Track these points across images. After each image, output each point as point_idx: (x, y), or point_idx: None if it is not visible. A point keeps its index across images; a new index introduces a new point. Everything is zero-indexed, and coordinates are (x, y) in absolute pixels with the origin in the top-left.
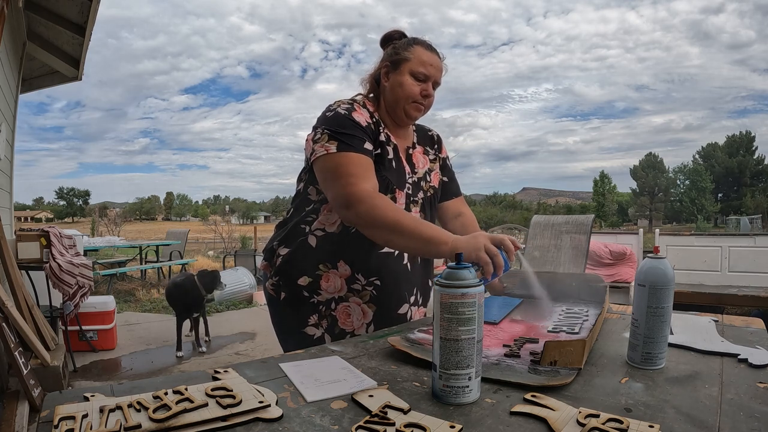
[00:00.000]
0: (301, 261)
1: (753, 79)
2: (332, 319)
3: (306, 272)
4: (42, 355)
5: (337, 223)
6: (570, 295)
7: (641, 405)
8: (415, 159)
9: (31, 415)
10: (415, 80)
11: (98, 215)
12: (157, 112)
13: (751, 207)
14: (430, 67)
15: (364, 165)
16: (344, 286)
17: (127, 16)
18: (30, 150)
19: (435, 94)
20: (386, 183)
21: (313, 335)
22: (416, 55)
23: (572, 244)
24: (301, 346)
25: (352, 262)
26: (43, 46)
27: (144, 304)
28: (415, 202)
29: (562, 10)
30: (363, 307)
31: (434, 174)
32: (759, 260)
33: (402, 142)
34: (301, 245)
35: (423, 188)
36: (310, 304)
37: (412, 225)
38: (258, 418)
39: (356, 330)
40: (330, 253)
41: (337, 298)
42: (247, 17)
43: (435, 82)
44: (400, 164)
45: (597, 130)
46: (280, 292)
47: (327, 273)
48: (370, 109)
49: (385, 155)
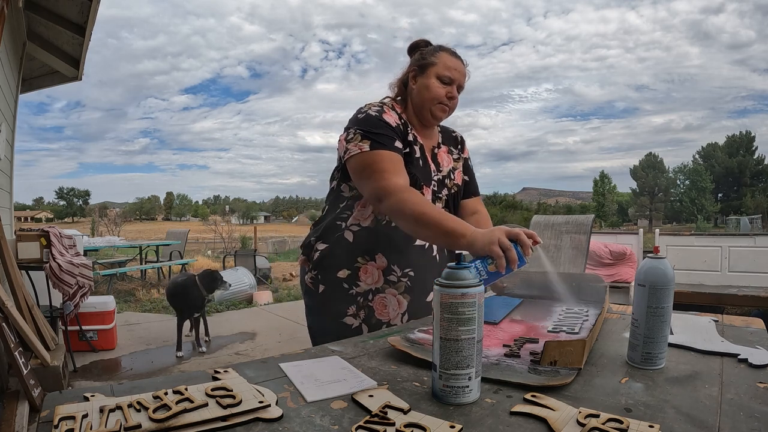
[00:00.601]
0: (339, 255)
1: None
2: (369, 310)
3: (345, 265)
4: (42, 355)
5: (371, 218)
6: (570, 295)
7: (641, 405)
8: (440, 158)
9: (31, 415)
10: (441, 83)
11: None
12: (157, 112)
13: (751, 207)
14: (455, 72)
15: (395, 161)
16: (381, 277)
17: (127, 16)
18: (30, 150)
19: (459, 97)
20: (414, 180)
21: (351, 325)
22: (442, 60)
23: (572, 244)
24: (340, 336)
25: (389, 255)
26: (43, 46)
27: (144, 304)
28: (439, 198)
29: (562, 10)
30: (398, 297)
31: (458, 172)
32: (759, 260)
33: (428, 142)
34: (339, 240)
35: (447, 185)
36: (349, 295)
37: (436, 217)
38: (258, 418)
39: (392, 320)
40: (367, 247)
41: (374, 290)
42: (247, 17)
43: (459, 85)
44: (426, 163)
45: (597, 130)
46: (319, 285)
47: (365, 265)
48: (398, 110)
49: (412, 154)
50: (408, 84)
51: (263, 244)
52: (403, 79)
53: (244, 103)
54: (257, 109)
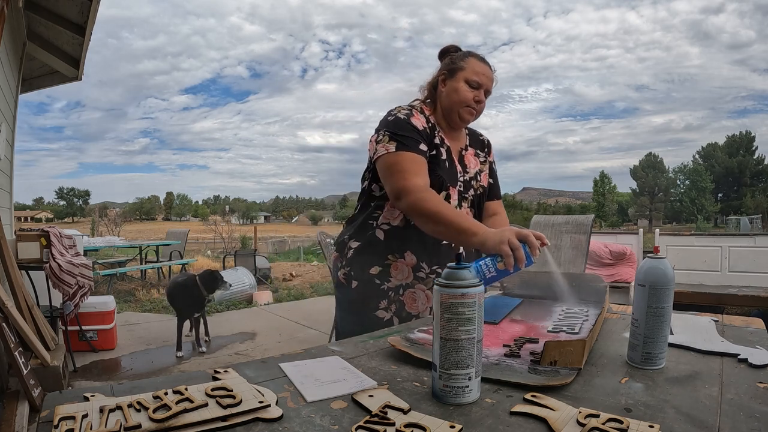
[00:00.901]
0: (371, 252)
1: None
2: (400, 304)
3: (376, 262)
4: (42, 355)
5: (400, 216)
6: (570, 295)
7: (641, 405)
8: (467, 160)
9: (31, 415)
10: (469, 87)
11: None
12: (157, 112)
13: (751, 207)
14: (483, 77)
15: (418, 163)
16: (411, 273)
17: (127, 16)
18: (30, 150)
19: (486, 102)
20: (440, 181)
21: (383, 318)
22: (470, 65)
23: (572, 244)
24: (372, 328)
25: (418, 253)
26: (43, 46)
27: (144, 304)
28: (465, 198)
29: (563, 10)
30: (426, 292)
31: (483, 174)
32: (759, 260)
33: (455, 144)
34: (371, 238)
35: (474, 187)
36: (381, 290)
37: (451, 216)
38: (258, 418)
39: (421, 312)
40: (397, 245)
41: (404, 285)
42: (247, 17)
43: (486, 90)
44: (453, 164)
45: (597, 130)
46: (351, 281)
47: (395, 262)
48: (427, 113)
49: (439, 156)
50: (437, 87)
51: (263, 244)
52: (432, 83)
53: (244, 103)
54: (257, 109)
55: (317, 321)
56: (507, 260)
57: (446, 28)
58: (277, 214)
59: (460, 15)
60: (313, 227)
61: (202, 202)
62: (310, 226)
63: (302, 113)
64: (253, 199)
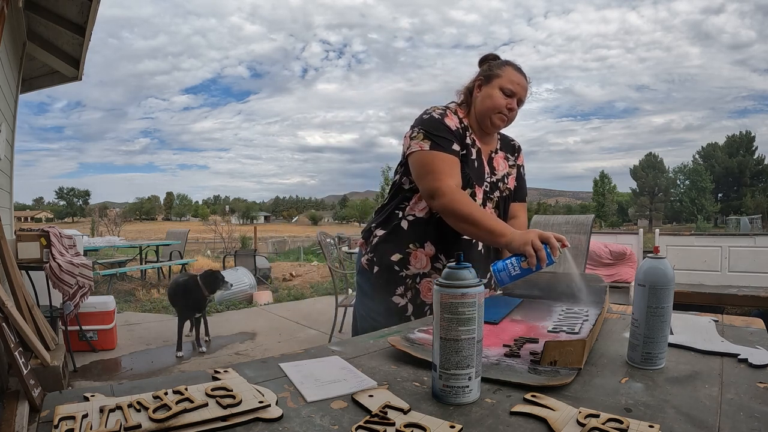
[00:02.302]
0: (394, 240)
1: (753, 80)
2: (416, 291)
3: (397, 250)
4: (42, 355)
5: (426, 209)
6: (570, 295)
7: (641, 405)
8: (495, 162)
9: (31, 415)
10: (503, 95)
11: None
12: (157, 112)
13: (751, 207)
14: (517, 86)
15: (450, 163)
16: (429, 263)
17: (127, 15)
18: (30, 150)
19: (519, 111)
20: (468, 179)
21: (399, 303)
22: (507, 74)
23: (572, 244)
24: (388, 313)
25: (437, 244)
26: (43, 46)
27: (144, 304)
28: (491, 199)
29: (563, 11)
30: None
31: (511, 178)
32: (759, 260)
33: (486, 147)
34: (395, 228)
35: (500, 188)
36: (399, 277)
37: (481, 217)
38: (258, 418)
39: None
40: (419, 235)
41: (422, 274)
42: (248, 17)
43: (520, 99)
44: (482, 165)
45: (597, 130)
46: (374, 267)
47: (415, 251)
48: (460, 115)
49: (469, 156)
50: (473, 92)
51: (263, 244)
52: (469, 87)
53: (244, 103)
54: (257, 109)
55: (317, 321)
56: (530, 260)
57: (447, 28)
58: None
59: (460, 15)
60: (313, 227)
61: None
62: (310, 226)
63: (302, 113)
64: (253, 199)
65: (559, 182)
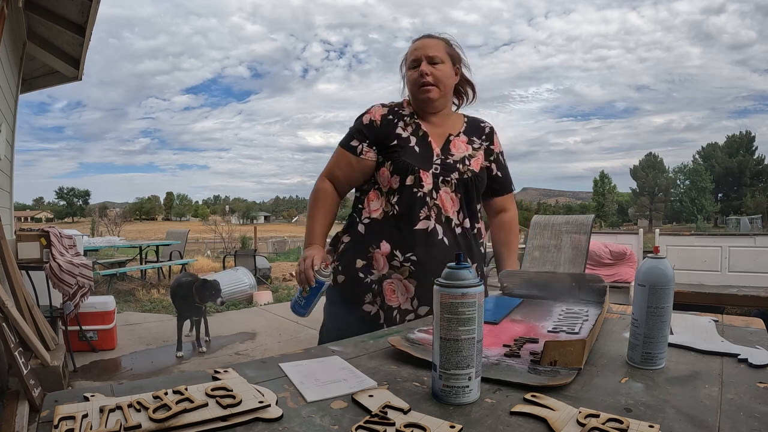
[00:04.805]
0: (355, 246)
1: (753, 80)
2: (382, 297)
3: (360, 255)
4: (42, 355)
5: (380, 209)
6: (570, 295)
7: (641, 405)
8: (453, 144)
9: (31, 415)
10: (413, 70)
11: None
12: (157, 112)
13: (751, 207)
14: (416, 51)
15: (339, 156)
16: (386, 263)
17: (128, 15)
18: (30, 150)
19: (448, 68)
20: (406, 166)
21: (370, 312)
22: (409, 51)
23: (572, 244)
24: (361, 323)
25: (391, 240)
26: (43, 46)
27: (144, 304)
28: (447, 182)
29: (564, 11)
30: (405, 282)
31: (475, 160)
32: (759, 260)
33: (438, 129)
34: (355, 233)
35: (459, 170)
36: (365, 283)
37: (311, 217)
38: (258, 418)
39: (402, 304)
40: (375, 236)
41: (382, 276)
42: (248, 17)
43: (428, 58)
44: (427, 148)
45: (598, 130)
46: (339, 276)
47: (374, 253)
48: (405, 107)
49: (405, 143)
50: None
51: (263, 244)
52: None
53: (244, 103)
54: (258, 109)
55: (317, 321)
56: (297, 278)
57: (448, 28)
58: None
59: (461, 15)
60: None
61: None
62: None
63: (303, 113)
64: (253, 199)
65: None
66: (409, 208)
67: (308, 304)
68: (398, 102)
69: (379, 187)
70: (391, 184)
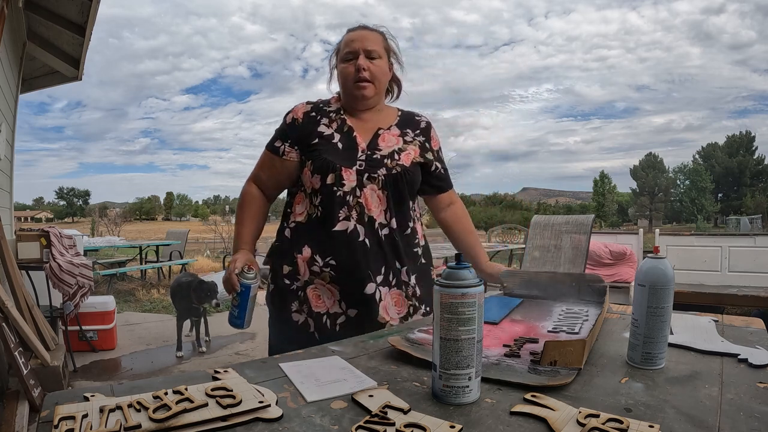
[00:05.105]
0: (283, 253)
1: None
2: (308, 303)
3: (287, 262)
4: (42, 355)
5: (304, 213)
6: (570, 295)
7: (641, 405)
8: (381, 139)
9: (31, 415)
10: (347, 62)
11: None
12: (157, 112)
13: (751, 207)
14: (353, 43)
15: (264, 158)
16: (307, 269)
17: (128, 15)
18: (30, 150)
19: (384, 64)
20: (328, 164)
21: (298, 321)
22: (343, 42)
23: (572, 244)
24: (292, 334)
25: (312, 244)
26: (43, 46)
27: (144, 304)
28: (372, 178)
29: (564, 11)
30: (329, 287)
31: (405, 154)
32: (759, 260)
33: (365, 124)
34: (282, 239)
35: (387, 165)
36: (291, 291)
37: (238, 223)
38: (258, 418)
39: (330, 308)
40: (299, 241)
41: (305, 282)
42: (248, 17)
43: (366, 51)
44: (352, 144)
45: (597, 130)
46: (269, 285)
47: (297, 259)
48: (332, 101)
49: (328, 140)
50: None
51: (263, 244)
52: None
53: (245, 103)
54: (258, 109)
55: None
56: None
57: (447, 28)
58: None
59: (461, 15)
60: None
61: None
62: None
63: None
64: None
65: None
66: (329, 208)
67: (242, 313)
68: (325, 99)
69: (304, 189)
70: (313, 184)
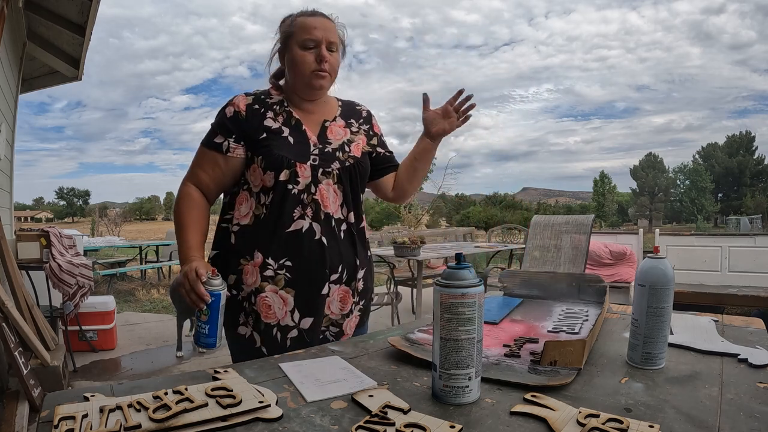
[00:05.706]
0: (225, 260)
1: (753, 80)
2: (255, 315)
3: (231, 270)
4: (42, 355)
5: (249, 214)
6: (570, 295)
7: (641, 405)
8: (329, 131)
9: (31, 415)
10: (306, 50)
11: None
12: (158, 112)
13: (751, 207)
14: (316, 31)
15: (200, 156)
16: (258, 275)
17: (128, 15)
18: (30, 150)
19: (340, 57)
20: (281, 160)
21: (245, 334)
22: (298, 26)
23: (572, 244)
24: (240, 349)
25: (265, 249)
26: (43, 46)
27: (144, 304)
28: (327, 173)
29: (564, 11)
30: (281, 293)
31: (355, 145)
32: (759, 260)
33: (312, 116)
34: (224, 245)
35: (339, 158)
36: (237, 302)
37: (182, 228)
38: (258, 418)
39: (281, 320)
40: (247, 246)
41: (254, 291)
42: (249, 17)
43: (329, 42)
44: (303, 137)
45: (598, 130)
46: None
47: (246, 266)
48: (273, 94)
49: (277, 135)
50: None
51: None
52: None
53: None
54: None
55: None
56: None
57: (448, 28)
58: None
59: (461, 15)
60: None
61: None
62: None
63: None
64: None
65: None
66: (281, 207)
67: (214, 329)
68: (263, 90)
69: (249, 188)
70: (264, 182)
